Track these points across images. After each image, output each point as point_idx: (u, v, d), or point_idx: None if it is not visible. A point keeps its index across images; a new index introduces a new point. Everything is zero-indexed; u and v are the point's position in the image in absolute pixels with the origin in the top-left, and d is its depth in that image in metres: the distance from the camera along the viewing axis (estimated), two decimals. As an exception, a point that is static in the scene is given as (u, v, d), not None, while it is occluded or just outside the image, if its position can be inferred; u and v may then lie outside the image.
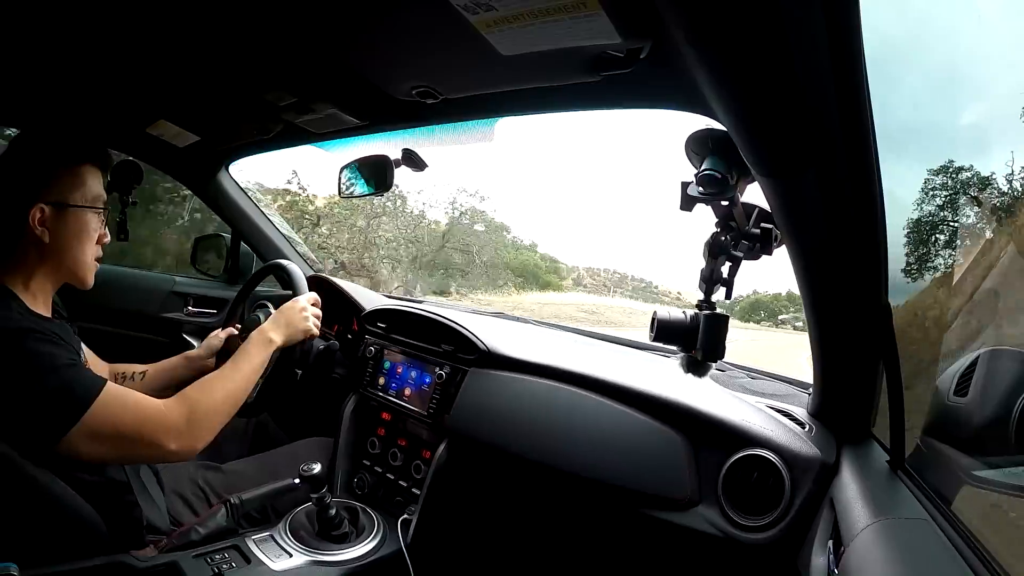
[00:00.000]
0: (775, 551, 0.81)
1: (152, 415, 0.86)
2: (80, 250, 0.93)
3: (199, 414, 0.90)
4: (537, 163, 18.66)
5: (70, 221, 0.91)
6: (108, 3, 0.82)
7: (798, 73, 0.47)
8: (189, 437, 0.89)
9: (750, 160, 0.59)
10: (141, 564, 0.89)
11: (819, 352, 0.83)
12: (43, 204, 0.87)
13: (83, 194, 0.92)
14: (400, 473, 1.29)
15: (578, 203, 17.62)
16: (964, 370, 0.71)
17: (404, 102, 1.01)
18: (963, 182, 0.89)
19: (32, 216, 0.87)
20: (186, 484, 1.07)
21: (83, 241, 0.93)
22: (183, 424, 0.88)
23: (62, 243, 0.90)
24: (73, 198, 0.91)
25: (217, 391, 0.95)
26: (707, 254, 0.73)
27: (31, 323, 0.83)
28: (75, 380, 0.81)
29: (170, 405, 0.89)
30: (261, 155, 1.62)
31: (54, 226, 0.89)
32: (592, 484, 0.98)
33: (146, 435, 0.85)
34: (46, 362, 0.80)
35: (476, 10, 0.65)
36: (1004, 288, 0.78)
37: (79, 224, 0.92)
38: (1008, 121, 0.70)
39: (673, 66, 0.70)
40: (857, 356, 0.78)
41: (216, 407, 0.93)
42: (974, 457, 0.67)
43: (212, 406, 0.93)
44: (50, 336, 0.82)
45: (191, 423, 0.89)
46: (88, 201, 0.92)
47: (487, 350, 1.20)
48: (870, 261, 0.65)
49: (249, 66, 0.99)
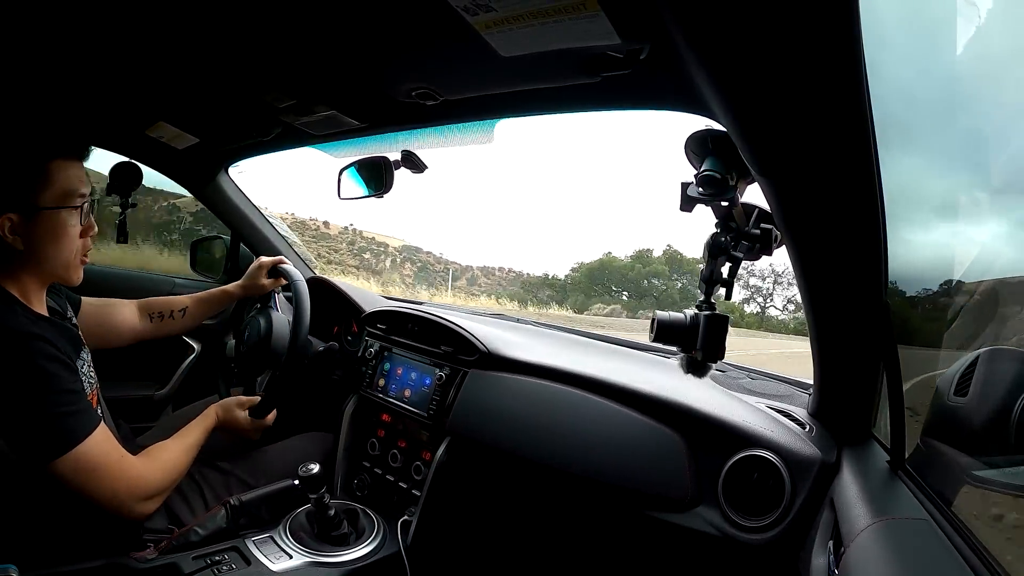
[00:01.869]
0: (775, 552, 0.81)
1: (131, 475, 0.89)
2: (57, 251, 0.88)
3: (166, 484, 0.95)
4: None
5: (42, 224, 0.85)
6: (108, 4, 0.82)
7: (798, 74, 0.47)
8: (154, 503, 0.92)
9: (750, 160, 0.59)
10: (140, 565, 0.89)
11: (819, 352, 0.83)
12: (10, 214, 0.83)
13: (52, 193, 0.85)
14: (400, 474, 1.28)
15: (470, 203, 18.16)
16: (964, 370, 0.71)
17: (404, 104, 1.01)
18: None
19: (1, 227, 0.83)
20: (186, 483, 1.07)
21: (61, 241, 0.88)
22: (156, 484, 0.92)
23: (37, 248, 0.86)
24: (42, 200, 0.85)
25: (179, 463, 0.98)
26: (707, 254, 0.73)
27: (38, 328, 0.83)
28: (70, 416, 0.82)
29: (149, 468, 0.92)
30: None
31: (26, 231, 0.84)
32: (592, 485, 0.98)
33: (121, 488, 0.87)
34: (51, 384, 0.80)
35: (476, 11, 0.65)
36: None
37: (53, 225, 0.86)
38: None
39: (673, 67, 0.70)
40: (857, 356, 0.78)
41: (174, 480, 0.97)
42: (974, 457, 0.67)
43: (175, 465, 0.97)
44: (55, 348, 0.83)
45: (160, 493, 0.93)
46: (58, 199, 0.86)
47: (487, 351, 1.20)
48: (870, 261, 0.65)
49: (248, 68, 0.99)
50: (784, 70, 0.46)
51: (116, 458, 0.87)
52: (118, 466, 0.87)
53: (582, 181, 53.14)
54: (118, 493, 0.86)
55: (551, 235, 24.67)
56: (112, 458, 0.86)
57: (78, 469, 0.82)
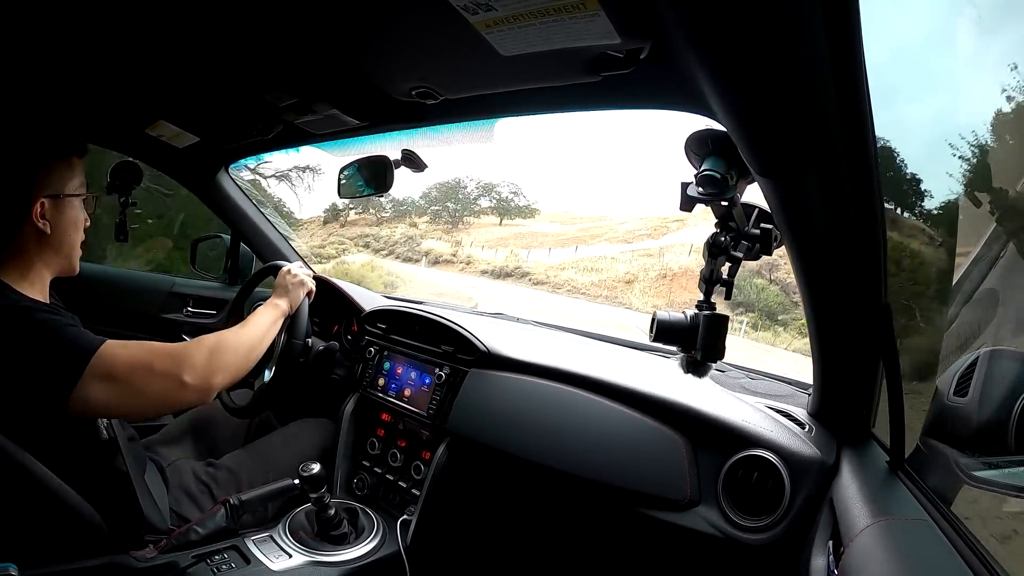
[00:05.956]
0: (775, 552, 0.81)
1: (168, 349, 0.89)
2: (76, 237, 0.97)
3: (217, 352, 0.93)
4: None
5: (67, 211, 0.94)
6: (108, 3, 0.82)
7: (798, 73, 0.47)
8: (206, 372, 0.90)
9: (750, 160, 0.59)
10: (140, 564, 0.89)
11: (819, 352, 0.83)
12: (43, 198, 0.90)
13: (74, 184, 0.95)
14: (400, 474, 1.28)
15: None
16: (964, 370, 0.71)
17: (404, 103, 1.01)
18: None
19: (34, 210, 0.89)
20: (191, 481, 1.07)
21: (78, 228, 0.97)
22: (201, 359, 0.90)
23: (61, 233, 0.93)
24: (68, 188, 0.94)
25: (234, 336, 0.99)
26: (707, 254, 0.73)
27: (31, 303, 0.86)
28: (80, 335, 0.84)
29: (188, 343, 0.92)
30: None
31: (54, 217, 0.92)
32: (592, 485, 0.98)
33: (160, 367, 0.86)
34: (50, 326, 0.83)
35: (476, 10, 0.65)
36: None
37: (74, 213, 0.95)
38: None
39: (673, 66, 0.70)
40: (857, 356, 0.78)
41: (234, 349, 0.96)
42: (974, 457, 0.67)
43: (230, 347, 0.96)
44: (51, 309, 0.87)
45: (209, 359, 0.91)
46: (78, 189, 0.96)
47: (487, 351, 1.20)
48: (870, 261, 0.65)
49: (249, 67, 0.99)
50: (784, 70, 0.46)
51: (148, 347, 0.87)
52: (150, 346, 0.87)
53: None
54: (158, 367, 0.85)
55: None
56: (143, 348, 0.86)
57: (108, 374, 0.82)
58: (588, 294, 20.18)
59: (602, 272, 21.67)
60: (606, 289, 20.59)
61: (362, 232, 27.36)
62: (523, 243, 26.34)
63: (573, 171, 28.25)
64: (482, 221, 29.59)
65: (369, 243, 26.05)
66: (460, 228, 28.99)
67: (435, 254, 25.08)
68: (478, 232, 28.27)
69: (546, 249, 24.93)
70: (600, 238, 25.79)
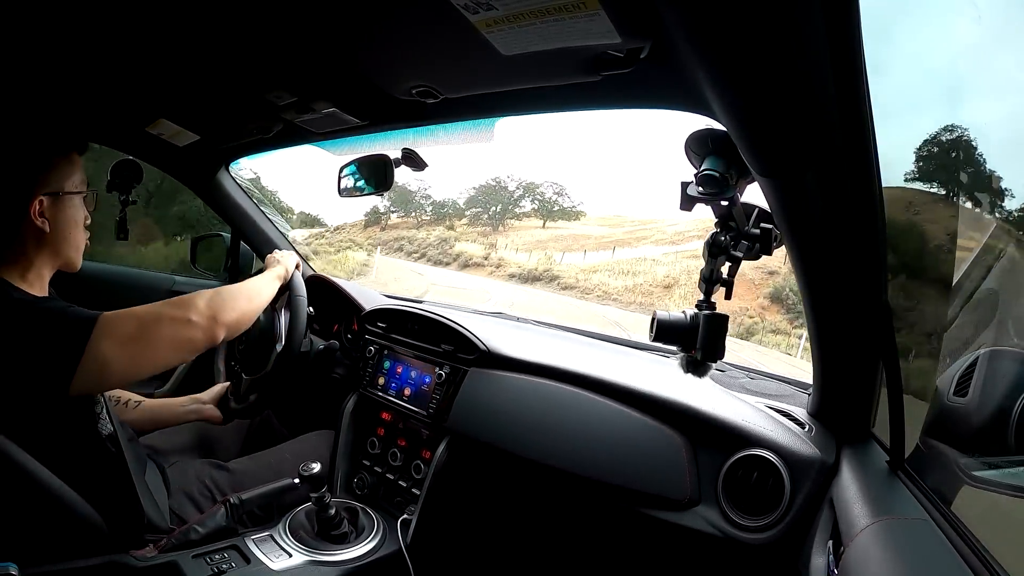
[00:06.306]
0: (775, 551, 0.81)
1: (170, 299, 0.92)
2: (76, 234, 0.96)
3: (219, 295, 0.96)
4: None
5: (67, 208, 0.94)
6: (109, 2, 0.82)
7: (798, 73, 0.47)
8: (210, 309, 0.92)
9: (750, 160, 0.59)
10: (140, 564, 0.89)
11: (819, 352, 0.83)
12: (42, 195, 0.90)
13: (74, 180, 0.95)
14: (400, 473, 1.29)
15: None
16: (964, 370, 0.71)
17: (404, 102, 1.01)
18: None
19: (33, 208, 0.89)
20: (193, 483, 1.07)
21: (79, 225, 0.97)
22: (204, 300, 0.93)
23: (60, 231, 0.93)
24: (68, 185, 0.94)
25: (233, 286, 1.02)
26: (707, 254, 0.73)
27: (32, 299, 0.87)
28: (81, 310, 0.85)
29: (195, 296, 0.94)
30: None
31: (53, 215, 0.91)
32: (592, 484, 0.98)
33: (167, 313, 0.89)
34: (52, 310, 0.84)
35: (476, 10, 0.65)
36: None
37: (74, 209, 0.95)
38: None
39: (673, 66, 0.70)
40: (857, 356, 0.78)
41: (235, 293, 0.99)
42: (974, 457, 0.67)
43: (231, 291, 0.99)
44: (51, 300, 0.88)
45: (212, 299, 0.94)
46: (78, 186, 0.95)
47: (487, 350, 1.20)
48: (870, 261, 0.65)
49: (249, 65, 0.99)
50: (784, 69, 0.46)
51: (150, 307, 0.89)
52: (154, 304, 0.89)
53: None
54: (165, 313, 0.88)
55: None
56: (145, 305, 0.89)
57: (116, 332, 0.84)
58: (620, 300, 18.96)
59: (638, 275, 20.60)
60: (640, 295, 19.33)
61: (398, 235, 27.25)
62: (562, 246, 25.76)
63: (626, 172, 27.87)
64: (524, 224, 29.26)
65: (403, 246, 25.96)
66: (500, 231, 28.59)
67: (466, 256, 24.81)
68: (517, 235, 27.95)
69: (582, 252, 24.15)
70: (646, 240, 25.00)
